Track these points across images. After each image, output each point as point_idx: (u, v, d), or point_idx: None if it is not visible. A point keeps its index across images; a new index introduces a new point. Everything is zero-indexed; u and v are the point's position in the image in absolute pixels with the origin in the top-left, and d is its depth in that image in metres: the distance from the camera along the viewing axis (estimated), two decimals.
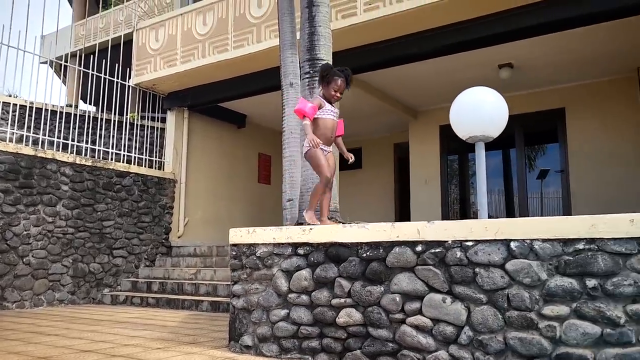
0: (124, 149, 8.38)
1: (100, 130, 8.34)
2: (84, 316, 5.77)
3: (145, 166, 8.50)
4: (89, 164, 7.35)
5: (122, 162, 8.13)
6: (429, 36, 6.30)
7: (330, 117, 3.74)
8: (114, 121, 8.45)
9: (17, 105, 7.77)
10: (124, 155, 8.26)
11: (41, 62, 9.05)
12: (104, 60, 8.17)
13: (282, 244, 3.49)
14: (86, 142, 7.93)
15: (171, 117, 8.99)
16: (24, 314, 5.94)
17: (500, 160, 8.88)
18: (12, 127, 7.44)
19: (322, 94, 3.78)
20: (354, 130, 9.79)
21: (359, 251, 3.14)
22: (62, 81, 13.07)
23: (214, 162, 9.56)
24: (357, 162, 4.14)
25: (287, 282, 3.43)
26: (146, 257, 8.08)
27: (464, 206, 9.15)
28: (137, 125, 8.76)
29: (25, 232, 6.52)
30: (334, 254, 3.25)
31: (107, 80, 8.19)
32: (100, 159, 7.77)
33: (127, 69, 8.66)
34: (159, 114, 9.10)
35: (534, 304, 2.57)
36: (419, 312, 2.88)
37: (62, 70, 11.60)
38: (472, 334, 2.72)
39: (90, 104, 9.53)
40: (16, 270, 6.40)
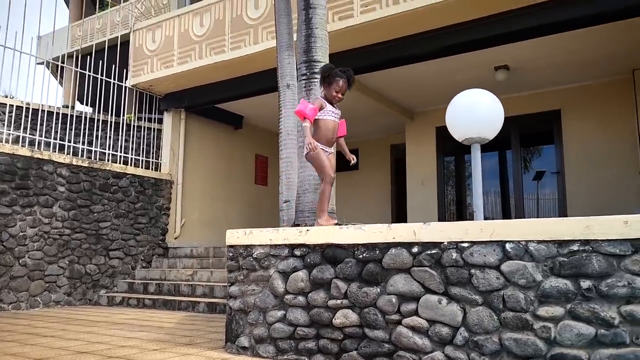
0: (121, 150, 8.36)
1: (96, 131, 8.33)
2: (80, 317, 5.76)
3: (142, 167, 8.50)
4: (85, 165, 7.34)
5: (119, 163, 8.12)
6: (425, 38, 6.33)
7: (331, 118, 3.72)
8: (111, 122, 8.43)
9: (14, 106, 7.78)
10: (120, 156, 8.25)
11: (38, 63, 9.02)
12: (100, 61, 8.15)
13: (279, 246, 3.50)
14: (83, 143, 7.91)
15: (168, 118, 8.99)
16: (20, 315, 5.93)
17: (496, 161, 8.91)
18: (9, 128, 7.43)
19: (323, 95, 3.76)
20: (351, 131, 9.60)
21: (356, 252, 3.16)
22: (58, 82, 13.03)
23: (210, 163, 9.56)
24: (354, 164, 4.15)
25: (284, 284, 3.44)
26: (143, 258, 8.08)
27: (460, 207, 9.18)
28: (133, 126, 8.75)
29: (21, 234, 6.51)
30: (331, 255, 3.26)
31: (103, 81, 8.18)
32: (96, 160, 7.76)
33: (124, 70, 8.65)
34: (155, 115, 9.08)
35: (529, 305, 2.59)
36: (415, 313, 2.89)
37: (58, 71, 11.57)
38: (468, 334, 2.73)
39: (86, 105, 9.53)
40: (12, 271, 6.39)
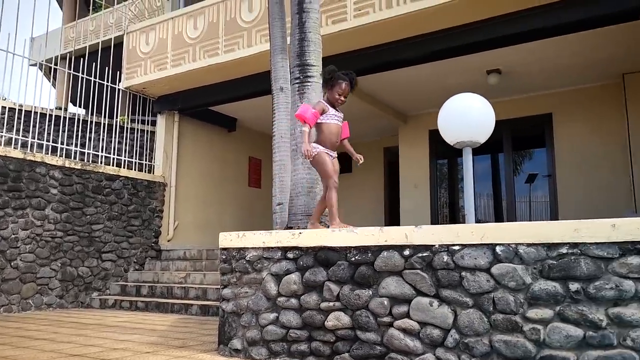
0: (114, 152, 8.34)
1: (89, 133, 8.30)
2: (73, 320, 5.74)
3: (135, 169, 8.48)
4: (78, 167, 7.31)
5: (112, 165, 8.09)
6: (418, 42, 6.37)
7: (334, 121, 3.72)
8: (104, 124, 8.41)
9: (6, 107, 7.74)
10: (113, 158, 8.22)
11: (30, 65, 8.98)
12: (93, 63, 8.13)
13: (272, 248, 3.51)
14: (75, 145, 7.88)
15: (161, 120, 8.97)
16: (11, 318, 5.90)
17: (488, 164, 8.97)
18: (1, 129, 7.39)
19: (326, 98, 3.77)
20: None
21: (348, 255, 3.18)
22: (51, 84, 13.00)
23: (204, 165, 9.55)
24: (347, 166, 4.18)
25: (277, 286, 3.45)
26: (135, 260, 8.05)
27: (453, 210, 9.22)
28: (127, 128, 8.73)
29: (13, 236, 6.48)
30: (323, 258, 3.27)
31: (97, 83, 8.16)
32: (89, 162, 7.74)
33: (117, 72, 8.63)
34: (149, 117, 9.06)
35: (518, 307, 2.62)
36: (407, 315, 2.92)
37: (51, 72, 11.52)
38: (459, 336, 2.76)
39: (79, 106, 9.51)
40: (4, 274, 6.35)
